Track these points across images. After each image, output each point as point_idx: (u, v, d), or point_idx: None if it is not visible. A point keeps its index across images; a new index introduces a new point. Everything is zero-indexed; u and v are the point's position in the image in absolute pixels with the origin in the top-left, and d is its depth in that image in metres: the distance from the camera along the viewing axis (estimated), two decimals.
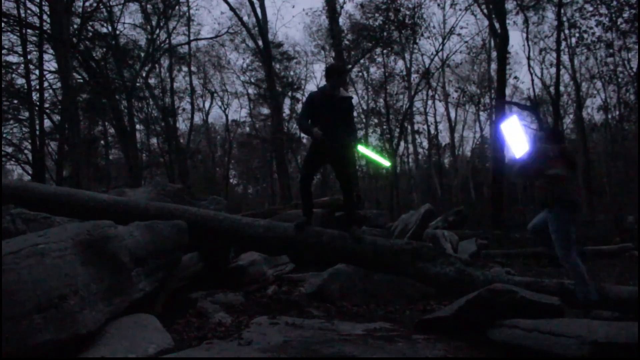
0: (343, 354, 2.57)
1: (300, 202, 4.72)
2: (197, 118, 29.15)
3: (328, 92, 4.38)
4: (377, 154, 4.70)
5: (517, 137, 4.17)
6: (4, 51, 15.00)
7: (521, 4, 17.84)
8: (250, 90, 28.32)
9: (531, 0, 18.23)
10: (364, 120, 25.84)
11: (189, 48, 23.39)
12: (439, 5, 21.46)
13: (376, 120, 25.26)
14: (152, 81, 22.43)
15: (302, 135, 29.05)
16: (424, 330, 3.21)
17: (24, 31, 15.85)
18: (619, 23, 16.71)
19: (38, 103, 16.32)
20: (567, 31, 19.81)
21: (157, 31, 20.56)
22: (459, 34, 21.78)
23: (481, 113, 29.38)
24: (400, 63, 24.87)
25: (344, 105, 4.41)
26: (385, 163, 4.59)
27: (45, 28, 15.38)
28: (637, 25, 15.81)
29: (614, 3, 16.20)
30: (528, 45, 17.43)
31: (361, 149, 4.56)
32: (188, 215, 4.43)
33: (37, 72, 16.76)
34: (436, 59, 23.78)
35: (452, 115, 30.14)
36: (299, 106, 28.18)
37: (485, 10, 18.42)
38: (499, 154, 16.22)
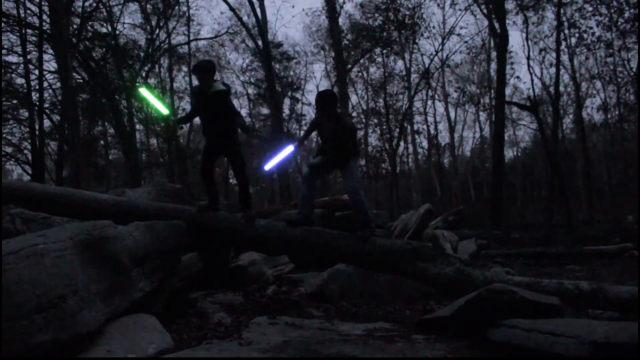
0: (343, 354, 2.57)
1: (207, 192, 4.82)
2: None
3: (197, 89, 4.53)
4: (159, 100, 4.52)
5: None
6: (4, 51, 15.01)
7: (521, 4, 17.83)
8: (250, 90, 28.33)
9: (531, 0, 18.22)
10: (363, 120, 25.85)
11: (189, 48, 23.38)
12: (438, 5, 21.57)
13: (376, 120, 25.28)
14: (152, 81, 22.42)
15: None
16: (424, 330, 3.21)
17: (23, 31, 15.87)
18: (619, 23, 16.72)
19: (38, 103, 16.32)
20: (567, 31, 19.81)
21: (157, 31, 20.55)
22: (458, 34, 21.84)
23: (481, 113, 29.43)
24: (400, 63, 24.92)
25: (214, 100, 4.39)
26: (164, 111, 4.45)
27: (45, 28, 15.39)
28: (637, 25, 15.82)
29: (614, 3, 16.21)
30: (528, 45, 17.39)
31: (143, 91, 4.52)
32: (188, 215, 4.42)
33: (36, 72, 16.77)
34: (436, 59, 23.83)
35: (452, 115, 30.18)
36: (299, 106, 28.23)
37: (485, 10, 18.43)
38: (499, 154, 16.23)
